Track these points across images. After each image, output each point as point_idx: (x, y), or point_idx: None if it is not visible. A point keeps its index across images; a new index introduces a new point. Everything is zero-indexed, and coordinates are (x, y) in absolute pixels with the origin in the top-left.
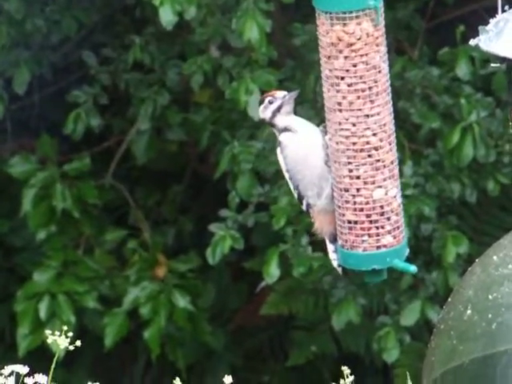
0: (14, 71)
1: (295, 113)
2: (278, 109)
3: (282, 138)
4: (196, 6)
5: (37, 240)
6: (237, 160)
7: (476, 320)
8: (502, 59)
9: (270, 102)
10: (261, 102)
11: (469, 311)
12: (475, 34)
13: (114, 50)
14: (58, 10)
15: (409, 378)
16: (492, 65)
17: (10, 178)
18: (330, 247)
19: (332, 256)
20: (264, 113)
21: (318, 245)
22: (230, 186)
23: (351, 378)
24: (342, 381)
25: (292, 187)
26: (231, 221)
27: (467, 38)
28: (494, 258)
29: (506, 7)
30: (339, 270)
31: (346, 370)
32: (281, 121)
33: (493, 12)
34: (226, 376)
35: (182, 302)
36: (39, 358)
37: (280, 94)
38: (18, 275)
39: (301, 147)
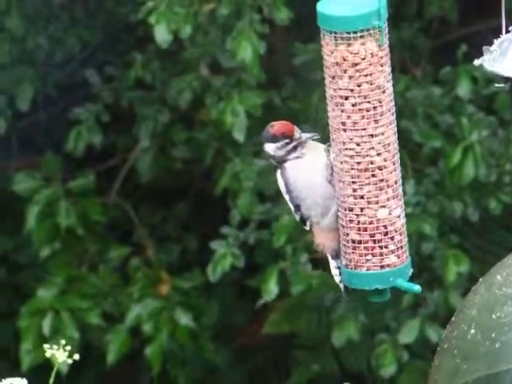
0: (18, 88)
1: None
2: (295, 148)
3: (287, 164)
4: (192, 26)
5: (41, 257)
6: (238, 177)
7: (479, 339)
8: (506, 79)
9: (287, 144)
10: (273, 141)
11: (472, 330)
12: (479, 54)
13: (117, 68)
14: (62, 28)
15: None
16: (496, 85)
17: (14, 196)
18: (332, 263)
19: (334, 272)
20: (277, 152)
21: (318, 263)
22: (231, 203)
23: None
24: None
25: (293, 209)
26: (232, 238)
27: (471, 57)
28: (498, 277)
29: (510, 28)
30: (341, 285)
31: None
32: (293, 155)
33: (497, 32)
34: None
35: (184, 319)
36: (44, 375)
37: (295, 134)
38: (23, 292)
39: (304, 169)
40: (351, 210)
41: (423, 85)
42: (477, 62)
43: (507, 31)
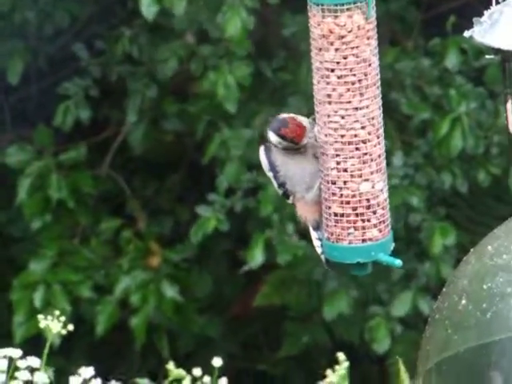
0: (8, 62)
1: (287, 103)
2: (295, 149)
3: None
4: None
5: (32, 229)
6: (226, 146)
7: (471, 310)
8: (496, 50)
9: (291, 145)
10: (280, 137)
11: (463, 301)
12: (470, 26)
13: (107, 42)
14: (51, 1)
15: (403, 367)
16: (486, 56)
17: (7, 169)
18: (314, 234)
19: (315, 243)
20: (277, 144)
21: (305, 233)
22: (219, 172)
23: (346, 363)
24: (337, 367)
25: (276, 185)
26: (218, 205)
27: (462, 29)
28: (489, 248)
29: None
30: (322, 257)
31: (341, 356)
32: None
33: (488, 4)
34: (215, 358)
35: (170, 292)
36: (36, 347)
37: (303, 141)
38: (16, 265)
39: (292, 151)
40: (334, 183)
41: (413, 56)
42: (467, 34)
43: (497, 2)
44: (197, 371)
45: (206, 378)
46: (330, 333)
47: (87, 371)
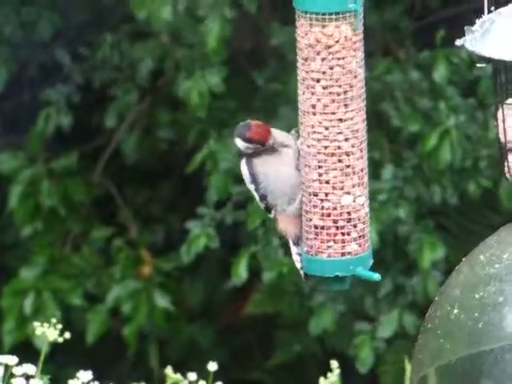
0: None
1: (278, 113)
2: (264, 151)
3: (255, 159)
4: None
5: (23, 236)
6: (213, 158)
7: (463, 319)
8: (488, 60)
9: (258, 148)
10: (245, 140)
11: (456, 310)
12: (462, 35)
13: (90, 49)
14: (34, 12)
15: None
16: (478, 65)
17: (1, 176)
18: (293, 249)
19: (295, 257)
20: (245, 149)
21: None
22: (207, 183)
23: (338, 371)
24: (329, 374)
25: (258, 198)
26: (208, 218)
27: (454, 39)
28: (481, 257)
29: (492, 8)
30: (301, 272)
31: (333, 363)
32: (261, 155)
33: (480, 13)
34: (210, 363)
35: (161, 301)
36: (23, 354)
37: (269, 142)
38: (8, 272)
39: (273, 163)
40: (316, 195)
41: (404, 67)
42: (458, 42)
43: (489, 11)
44: (192, 376)
45: (202, 382)
46: (322, 342)
47: (85, 375)
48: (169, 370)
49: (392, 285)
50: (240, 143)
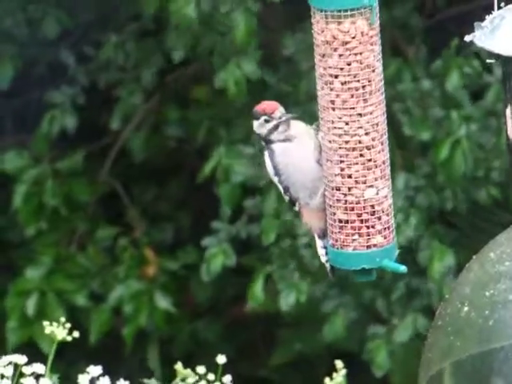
0: None
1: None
2: (275, 127)
3: (276, 147)
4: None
5: (27, 236)
6: (224, 169)
7: (473, 317)
8: (497, 56)
9: (266, 121)
10: (256, 118)
11: (466, 308)
12: (472, 32)
13: (95, 49)
14: (41, 9)
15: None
16: (487, 61)
17: (6, 174)
18: (319, 243)
19: (320, 251)
20: (259, 129)
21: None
22: (218, 194)
23: (343, 371)
24: (334, 374)
25: (282, 190)
26: (224, 233)
27: (463, 36)
28: (491, 254)
29: (502, 4)
30: (327, 265)
31: (339, 363)
32: (277, 136)
33: (491, 10)
34: (219, 356)
35: (163, 303)
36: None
37: (276, 113)
38: (14, 271)
39: (294, 154)
40: (338, 189)
41: (414, 69)
42: (467, 38)
43: (499, 7)
44: (201, 369)
45: (211, 376)
46: (330, 343)
47: (95, 370)
48: (179, 366)
49: (405, 287)
50: (254, 125)
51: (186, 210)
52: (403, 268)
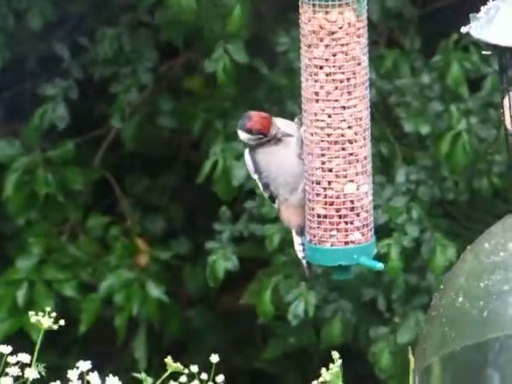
0: None
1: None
2: (268, 142)
3: (258, 148)
4: None
5: (17, 225)
6: (220, 167)
7: (467, 307)
8: (493, 46)
9: (261, 139)
10: (248, 133)
11: (460, 298)
12: (467, 22)
13: (90, 42)
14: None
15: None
16: (483, 52)
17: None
18: (297, 239)
19: (297, 248)
20: (249, 141)
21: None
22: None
23: (339, 362)
24: (331, 365)
25: (261, 188)
26: (226, 234)
27: (459, 26)
28: (486, 245)
29: None
30: (304, 262)
31: (335, 354)
32: (264, 146)
33: (486, 0)
34: (212, 355)
35: (155, 292)
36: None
37: (271, 132)
38: (7, 261)
39: (275, 152)
40: (319, 183)
41: (411, 58)
42: (464, 30)
43: None
44: (193, 368)
45: (204, 375)
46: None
47: (84, 365)
48: (169, 359)
49: (405, 285)
50: (242, 135)
51: (178, 201)
52: (380, 265)
